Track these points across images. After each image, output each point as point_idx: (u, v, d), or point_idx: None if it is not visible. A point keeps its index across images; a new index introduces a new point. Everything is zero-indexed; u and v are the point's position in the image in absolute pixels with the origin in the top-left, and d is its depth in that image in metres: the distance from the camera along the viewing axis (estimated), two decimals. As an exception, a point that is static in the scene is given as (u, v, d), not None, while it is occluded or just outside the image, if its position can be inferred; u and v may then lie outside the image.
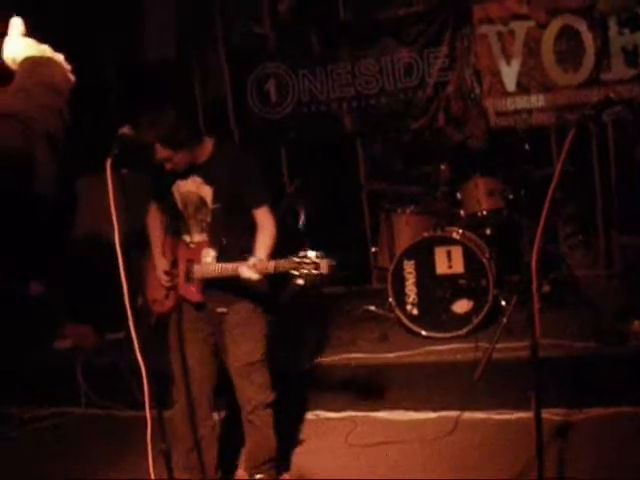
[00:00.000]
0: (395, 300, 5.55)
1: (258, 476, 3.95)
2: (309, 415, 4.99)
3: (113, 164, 2.93)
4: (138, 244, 3.95)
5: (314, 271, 3.16)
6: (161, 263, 3.77)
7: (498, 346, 4.65)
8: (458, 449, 4.28)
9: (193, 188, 3.68)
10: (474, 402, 4.66)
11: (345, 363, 5.20)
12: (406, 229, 5.87)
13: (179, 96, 7.36)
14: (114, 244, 2.95)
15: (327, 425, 4.85)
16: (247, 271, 3.38)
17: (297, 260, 3.20)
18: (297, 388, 5.09)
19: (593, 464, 3.85)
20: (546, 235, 6.06)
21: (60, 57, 1.70)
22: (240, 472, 4.21)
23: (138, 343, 3.01)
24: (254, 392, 3.82)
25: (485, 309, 5.26)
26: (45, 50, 1.67)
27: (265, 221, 3.68)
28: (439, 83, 7.05)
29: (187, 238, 3.74)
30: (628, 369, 4.47)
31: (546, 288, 5.73)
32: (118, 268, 2.99)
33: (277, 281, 3.70)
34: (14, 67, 1.65)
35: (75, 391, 5.62)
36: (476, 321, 5.28)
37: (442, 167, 6.05)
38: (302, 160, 7.47)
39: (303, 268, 3.17)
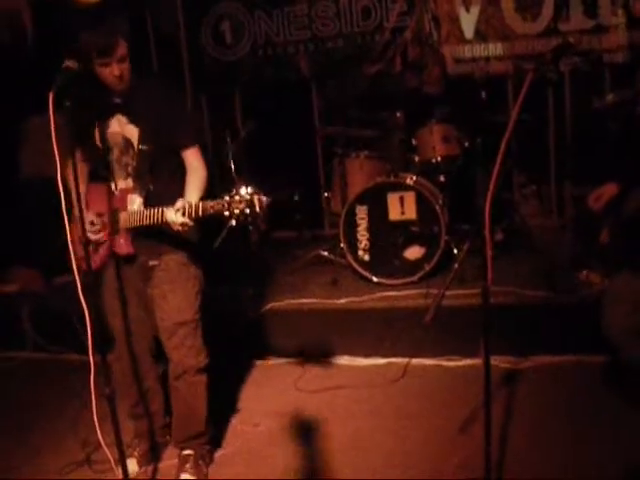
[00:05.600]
0: (347, 245, 5.51)
1: (186, 452, 3.66)
2: (258, 360, 4.98)
3: (56, 98, 2.85)
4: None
5: (247, 210, 2.86)
6: (84, 214, 3.37)
7: (449, 293, 4.70)
8: (406, 395, 4.30)
9: (117, 128, 3.40)
10: (424, 349, 4.68)
11: (295, 308, 5.17)
12: (359, 174, 5.81)
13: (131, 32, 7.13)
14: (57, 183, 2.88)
15: (276, 370, 4.84)
16: (173, 215, 3.08)
17: (227, 199, 2.89)
18: (246, 333, 5.08)
19: (540, 411, 3.90)
20: (500, 184, 6.08)
21: None
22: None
23: (81, 287, 2.94)
24: (183, 355, 3.51)
25: (437, 256, 5.26)
26: None
27: (195, 163, 3.42)
28: (397, 28, 6.95)
29: (111, 185, 3.41)
30: (576, 318, 4.50)
31: (498, 236, 5.76)
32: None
33: (209, 230, 3.42)
34: None
35: (22, 335, 5.54)
36: (428, 268, 5.28)
37: (398, 114, 5.99)
38: (256, 103, 7.34)
39: (234, 208, 2.87)
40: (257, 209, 2.88)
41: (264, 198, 2.91)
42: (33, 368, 5.32)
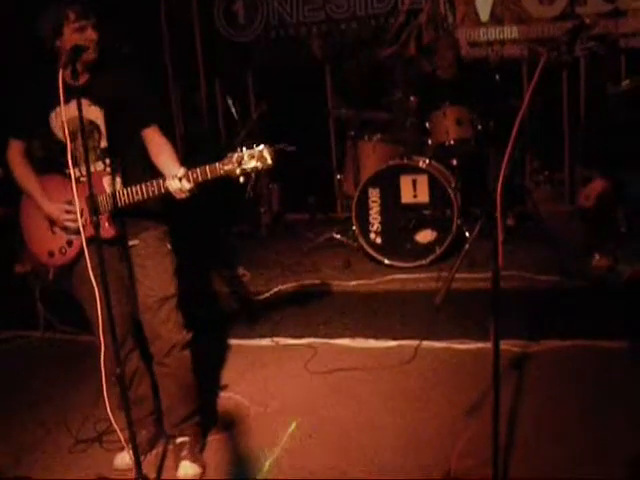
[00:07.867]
0: (359, 228, 5.52)
1: (180, 439, 3.58)
2: (268, 341, 4.98)
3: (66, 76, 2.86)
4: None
5: (259, 164, 2.81)
6: (54, 207, 3.28)
7: (460, 277, 4.70)
8: (416, 377, 4.30)
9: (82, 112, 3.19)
10: (434, 331, 4.68)
11: (308, 290, 5.19)
12: (372, 157, 5.81)
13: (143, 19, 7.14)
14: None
15: (286, 351, 4.84)
16: (178, 183, 2.96)
17: (236, 157, 2.83)
18: (257, 314, 5.10)
19: (549, 394, 3.90)
20: (513, 169, 6.07)
21: None
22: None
23: (92, 269, 2.94)
24: (170, 330, 3.44)
25: (449, 239, 5.26)
26: None
27: (159, 140, 3.28)
28: (412, 11, 6.92)
29: (75, 171, 3.07)
30: (587, 302, 4.50)
31: (510, 221, 5.75)
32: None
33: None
34: None
35: (34, 315, 5.56)
36: (439, 251, 5.29)
37: (411, 97, 5.97)
38: (269, 85, 7.33)
39: (246, 164, 2.82)
40: (269, 161, 2.84)
41: (273, 148, 2.85)
42: (45, 347, 5.35)
